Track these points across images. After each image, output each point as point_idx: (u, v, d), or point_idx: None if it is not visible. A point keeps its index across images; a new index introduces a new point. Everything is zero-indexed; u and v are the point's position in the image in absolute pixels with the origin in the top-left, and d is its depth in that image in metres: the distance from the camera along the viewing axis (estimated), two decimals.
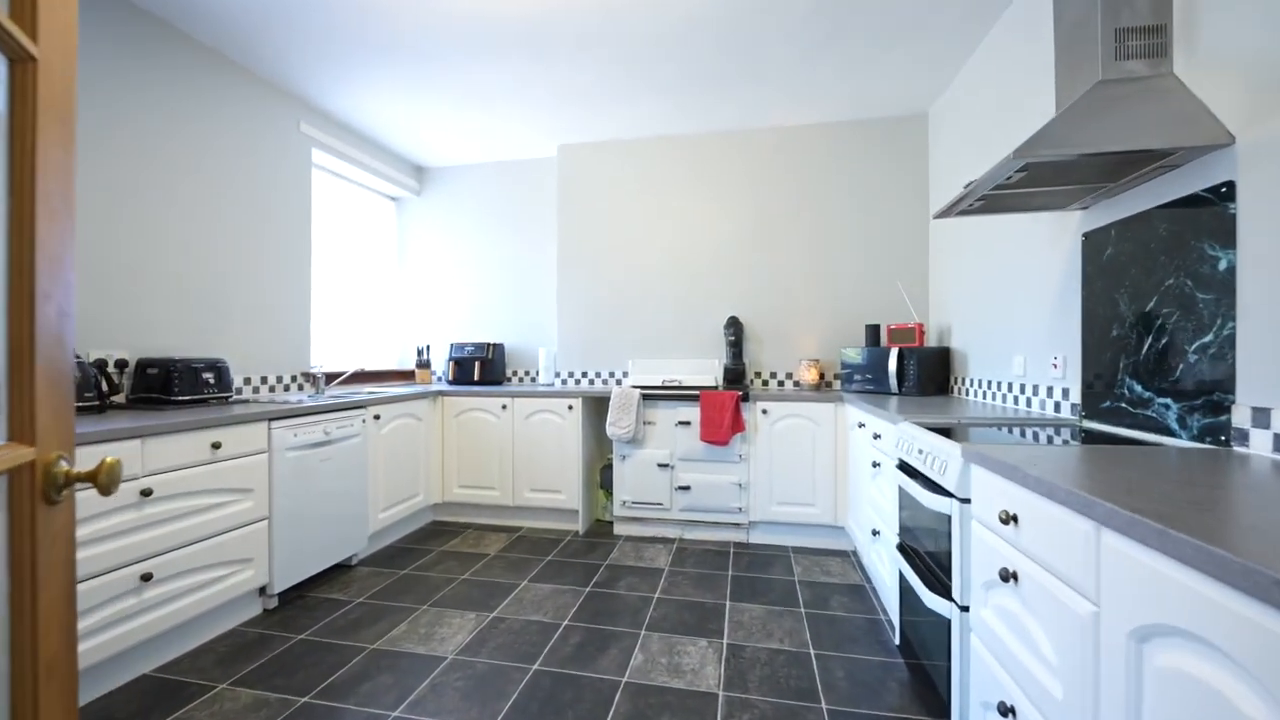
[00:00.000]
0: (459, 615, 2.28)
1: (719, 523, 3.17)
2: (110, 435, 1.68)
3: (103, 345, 2.23)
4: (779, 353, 3.56)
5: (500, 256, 4.13)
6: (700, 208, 3.66)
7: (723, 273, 3.63)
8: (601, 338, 3.78)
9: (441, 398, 3.49)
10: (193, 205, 2.58)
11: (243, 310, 2.82)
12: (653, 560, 2.89)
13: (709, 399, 3.09)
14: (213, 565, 2.02)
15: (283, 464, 2.32)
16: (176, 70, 2.50)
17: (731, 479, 3.13)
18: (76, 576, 1.56)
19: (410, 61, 2.78)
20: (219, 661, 1.94)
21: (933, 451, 1.56)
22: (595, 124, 3.53)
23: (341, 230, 3.77)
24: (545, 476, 3.35)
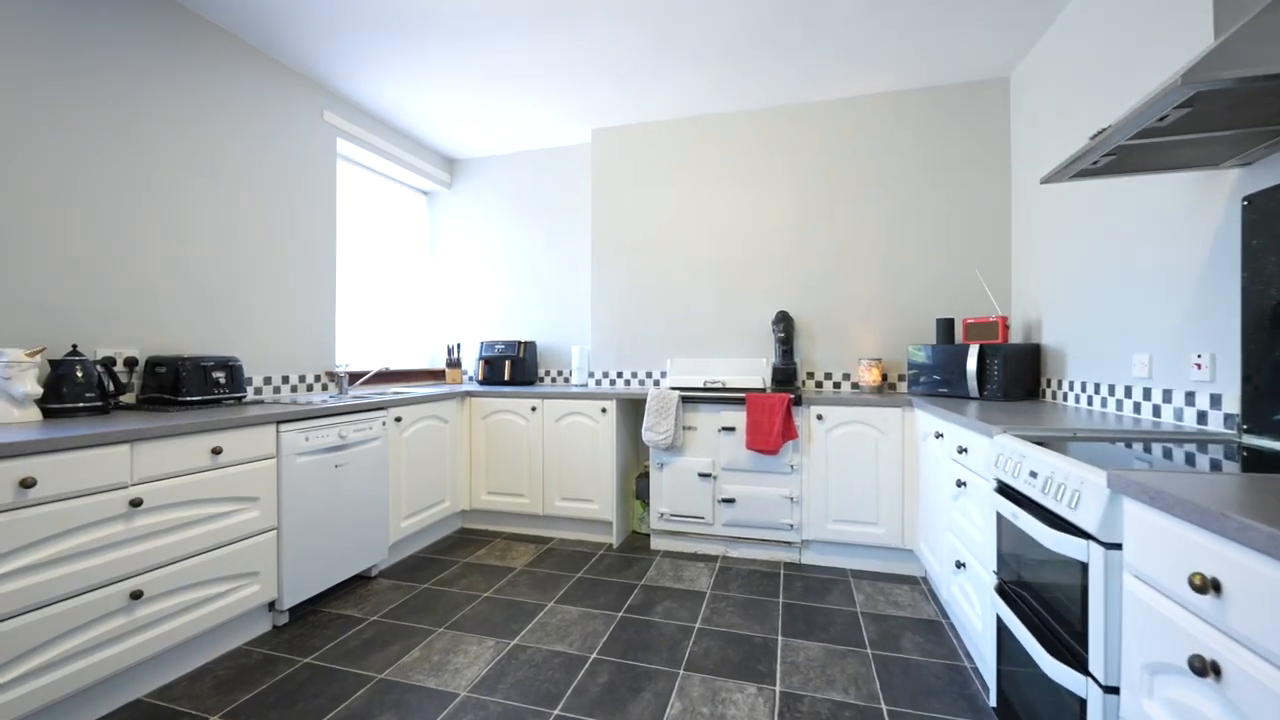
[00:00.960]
0: (477, 641, 2.06)
1: (768, 540, 2.85)
2: (93, 440, 1.53)
3: (113, 343, 2.12)
4: (835, 351, 3.21)
5: (533, 250, 3.92)
6: (745, 193, 3.34)
7: (771, 263, 3.30)
8: (638, 335, 3.51)
9: (469, 398, 3.30)
10: (210, 197, 2.46)
11: (263, 307, 2.70)
12: (693, 581, 2.60)
13: (756, 402, 2.78)
14: (213, 580, 1.86)
15: (293, 470, 2.16)
16: (191, 55, 2.38)
17: (782, 492, 2.81)
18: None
19: (436, 40, 2.59)
20: (217, 687, 1.77)
21: (1056, 475, 1.21)
22: (629, 105, 3.26)
23: (371, 225, 3.64)
24: (577, 484, 3.11)
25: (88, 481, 1.53)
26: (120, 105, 2.14)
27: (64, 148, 1.97)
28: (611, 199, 3.56)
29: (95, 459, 1.54)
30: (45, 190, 1.93)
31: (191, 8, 2.36)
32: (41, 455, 1.43)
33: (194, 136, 2.40)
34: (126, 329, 2.16)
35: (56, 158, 1.96)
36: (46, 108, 1.93)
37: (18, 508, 1.39)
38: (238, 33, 2.54)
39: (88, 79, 2.04)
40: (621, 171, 3.54)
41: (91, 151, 2.05)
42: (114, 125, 2.12)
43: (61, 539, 1.47)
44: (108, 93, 2.11)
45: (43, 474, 1.43)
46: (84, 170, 2.03)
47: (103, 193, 2.09)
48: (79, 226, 2.01)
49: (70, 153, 1.99)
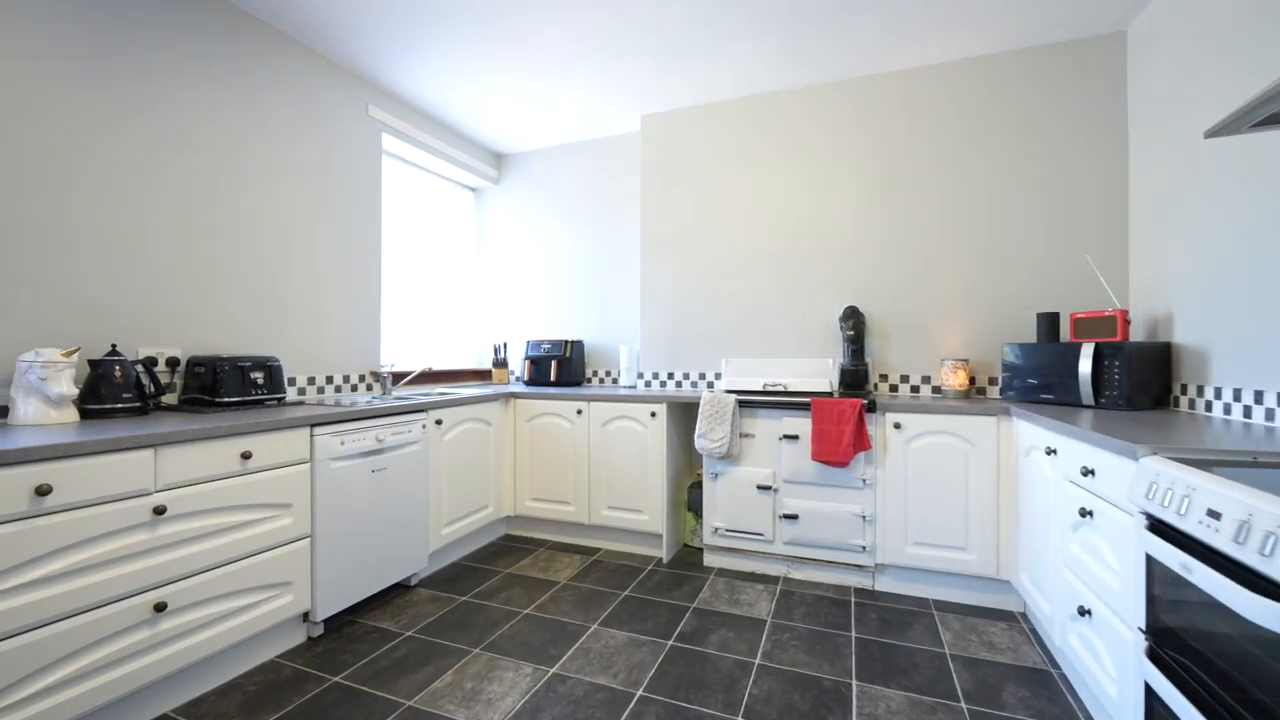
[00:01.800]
0: (514, 667, 1.89)
1: (836, 563, 2.55)
2: (113, 445, 1.45)
3: (156, 343, 2.09)
4: (913, 351, 2.85)
5: (580, 246, 3.76)
6: (809, 177, 3.04)
7: (838, 254, 2.98)
8: (690, 334, 3.27)
9: (513, 400, 3.16)
10: (254, 193, 2.42)
11: (307, 306, 2.65)
12: (751, 606, 2.35)
13: (823, 408, 2.49)
14: (242, 591, 1.78)
15: (327, 475, 2.06)
16: (235, 51, 2.34)
17: (852, 509, 2.50)
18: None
19: (477, 23, 2.45)
20: (243, 705, 1.68)
21: (1258, 519, 0.89)
22: (681, 87, 3.03)
23: (418, 222, 3.58)
24: (625, 493, 2.91)
25: (108, 488, 1.45)
26: (164, 102, 2.11)
27: (108, 146, 1.95)
28: (662, 189, 3.34)
29: (116, 465, 1.47)
30: (91, 189, 1.90)
31: (238, 4, 2.32)
32: (58, 461, 1.36)
33: (239, 134, 2.36)
34: (170, 328, 2.13)
35: (99, 156, 1.93)
36: (90, 108, 1.90)
37: (33, 516, 1.32)
38: (282, 27, 2.50)
39: (133, 78, 2.01)
40: (672, 159, 3.31)
41: (135, 149, 2.02)
42: (158, 123, 2.09)
43: (80, 549, 1.40)
44: (153, 91, 2.08)
45: (60, 481, 1.36)
46: (127, 167, 2.00)
47: (146, 190, 2.06)
48: (124, 225, 1.99)
49: (113, 150, 1.97)
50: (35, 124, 1.78)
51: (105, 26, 1.94)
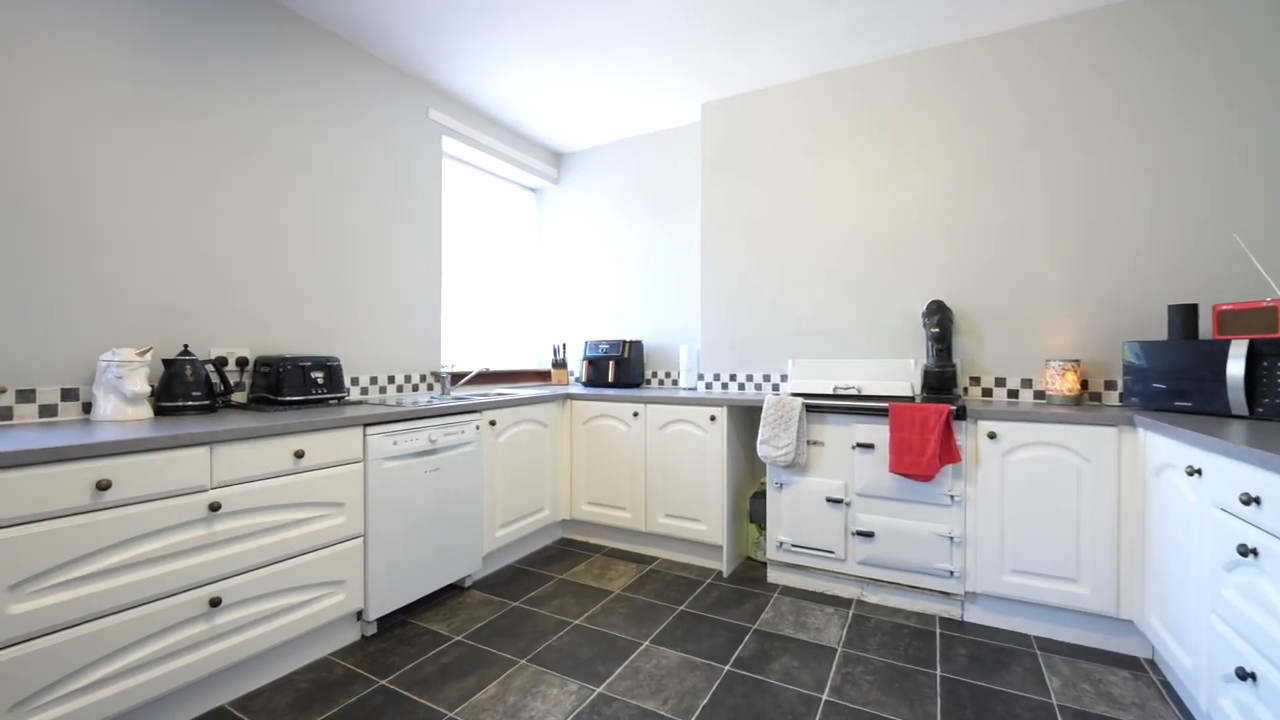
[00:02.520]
0: (559, 683, 1.79)
1: (918, 588, 2.27)
2: (169, 442, 1.49)
3: (227, 342, 2.18)
4: (1011, 350, 2.51)
5: (640, 244, 3.65)
6: (887, 160, 2.76)
7: (921, 243, 2.69)
8: (754, 333, 3.07)
9: (570, 401, 3.10)
10: (319, 197, 2.49)
11: (370, 307, 2.70)
12: (819, 631, 2.13)
13: (903, 414, 2.22)
14: (295, 589, 1.79)
15: (380, 475, 2.06)
16: (300, 59, 2.41)
17: (937, 528, 2.22)
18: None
19: (535, 20, 2.40)
20: (293, 703, 1.69)
21: None
22: (743, 70, 2.84)
23: (479, 224, 3.60)
24: (682, 501, 2.76)
25: (165, 484, 1.49)
26: (231, 113, 2.19)
27: (181, 152, 2.04)
28: (724, 181, 3.16)
29: (172, 461, 1.50)
30: (164, 197, 2.00)
31: (299, 11, 2.39)
32: (118, 457, 1.40)
33: (304, 139, 2.43)
34: (241, 329, 2.22)
35: (174, 161, 2.03)
36: (166, 116, 2.00)
37: (94, 510, 1.37)
38: (346, 34, 2.55)
39: (204, 87, 2.10)
40: (735, 148, 3.13)
41: (205, 159, 2.11)
42: (226, 134, 2.18)
43: (138, 543, 1.44)
44: (223, 100, 2.17)
45: (119, 476, 1.40)
46: (198, 176, 2.09)
47: (216, 197, 2.15)
48: (195, 231, 2.08)
49: (185, 161, 2.06)
50: (116, 140, 1.88)
51: (179, 50, 2.03)
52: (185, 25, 2.04)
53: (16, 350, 1.67)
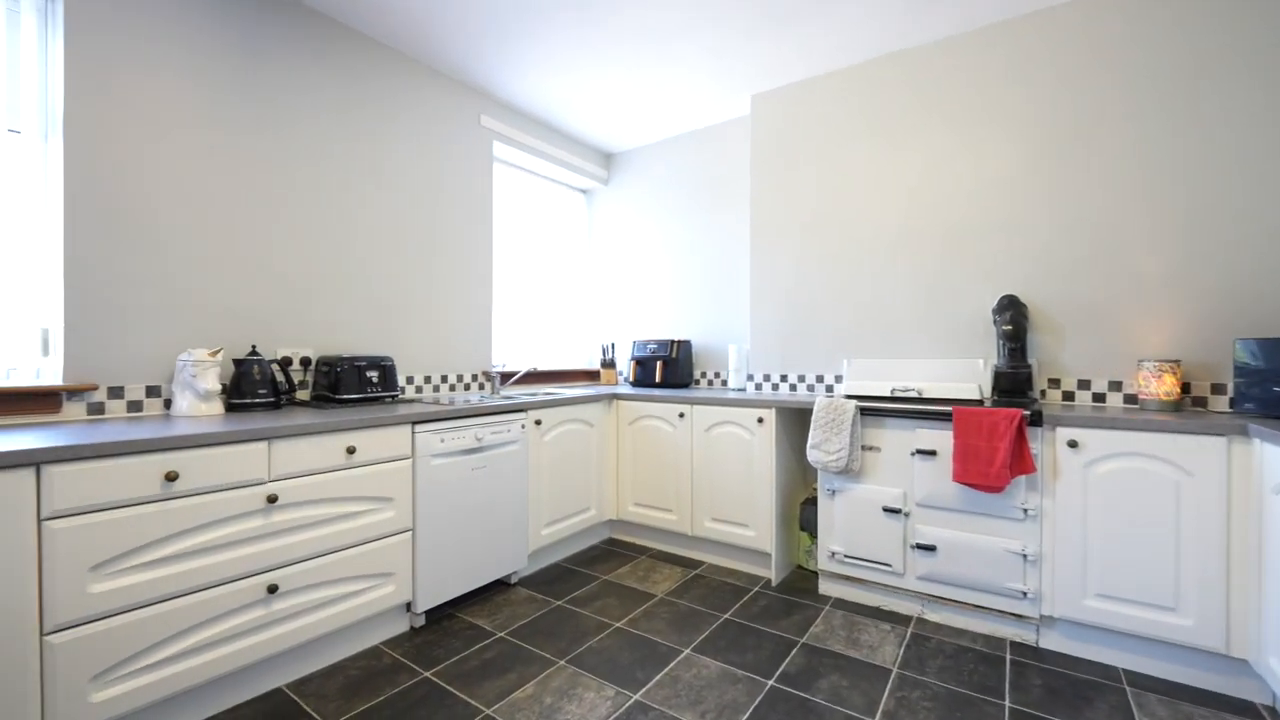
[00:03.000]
0: (596, 687, 1.77)
1: (987, 608, 2.09)
2: (230, 437, 1.58)
3: (292, 344, 2.31)
4: (1096, 349, 2.27)
5: (689, 242, 3.58)
6: (951, 143, 2.56)
7: (991, 232, 2.48)
8: (806, 332, 2.94)
9: (616, 401, 3.08)
10: (377, 204, 2.60)
11: (424, 308, 2.80)
12: (873, 649, 2.00)
13: (968, 419, 2.05)
14: (347, 579, 1.87)
15: (428, 471, 2.12)
16: (359, 73, 2.53)
17: (1008, 545, 2.03)
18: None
19: (579, 18, 2.40)
20: (343, 689, 1.76)
21: None
22: (793, 58, 2.72)
23: (530, 225, 3.66)
24: (729, 505, 2.68)
25: (227, 477, 1.58)
26: (298, 125, 2.32)
27: (252, 166, 2.18)
28: (774, 174, 3.04)
29: (233, 455, 1.60)
30: (237, 204, 2.14)
31: (357, 27, 2.50)
32: (184, 450, 1.50)
33: (364, 151, 2.54)
34: (305, 330, 2.34)
35: (245, 175, 2.17)
36: (237, 135, 2.15)
37: (164, 499, 1.47)
38: (399, 47, 2.65)
39: (271, 106, 2.24)
40: (786, 140, 3.01)
41: (274, 167, 2.25)
42: (293, 143, 2.31)
43: (203, 531, 1.54)
44: (288, 116, 2.30)
45: (186, 468, 1.51)
46: (269, 185, 2.23)
47: (282, 206, 2.28)
48: (263, 237, 2.22)
49: (256, 169, 2.20)
50: (194, 158, 2.03)
51: (250, 73, 2.17)
52: (257, 49, 2.18)
53: (107, 350, 1.83)
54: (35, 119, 1.79)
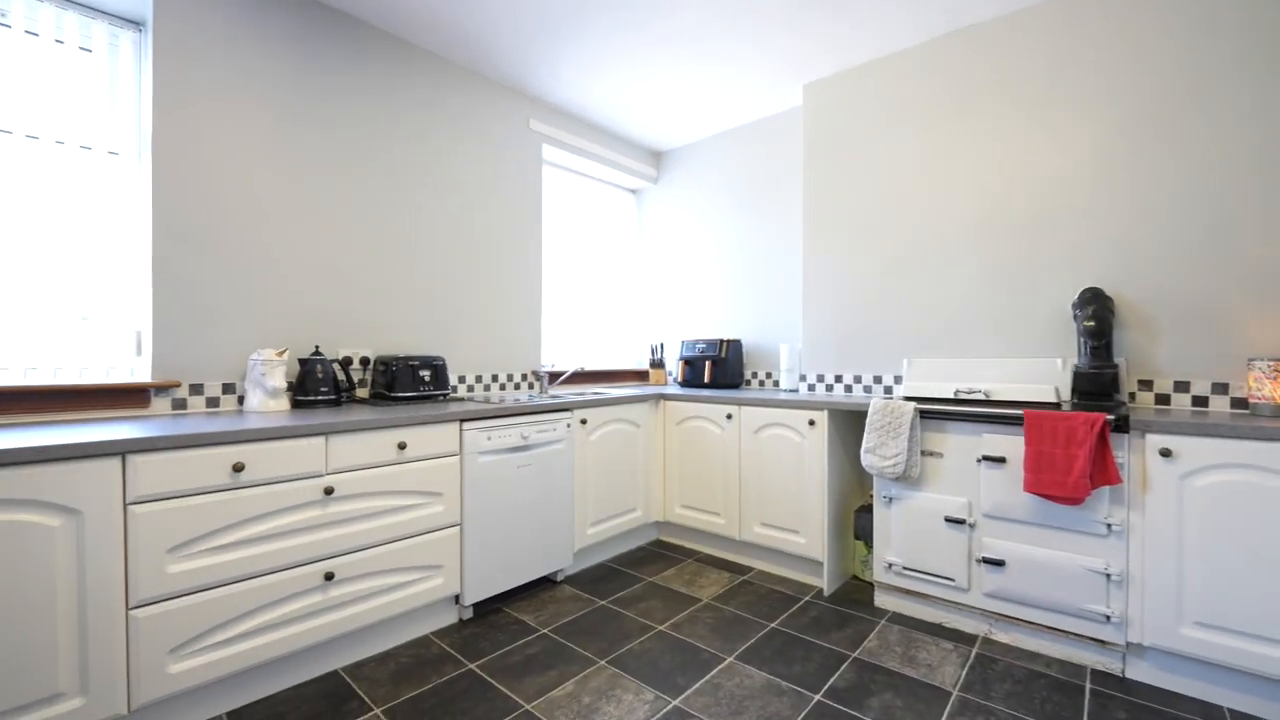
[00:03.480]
0: (635, 690, 1.75)
1: (1063, 630, 1.91)
2: (290, 432, 1.68)
3: (352, 345, 2.43)
4: (1197, 346, 2.02)
5: (739, 240, 3.50)
6: (1022, 127, 2.36)
7: (1071, 220, 2.27)
8: (862, 330, 2.80)
9: (663, 401, 3.05)
10: (430, 210, 2.70)
11: (476, 309, 2.88)
12: (932, 669, 1.87)
13: (1042, 424, 1.88)
14: (399, 570, 1.94)
15: (475, 468, 2.17)
16: (411, 83, 2.63)
17: (1089, 562, 1.84)
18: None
19: (624, 17, 2.40)
20: (393, 675, 1.83)
21: None
22: (848, 42, 2.60)
23: (580, 226, 3.70)
24: (779, 510, 2.59)
25: (288, 469, 1.68)
26: (358, 136, 2.44)
27: (314, 175, 2.32)
28: (828, 166, 2.92)
29: (294, 449, 1.69)
30: (302, 212, 2.28)
31: (415, 41, 2.61)
32: (249, 444, 1.61)
33: (420, 158, 2.65)
34: (365, 332, 2.47)
35: (308, 184, 2.31)
36: (301, 146, 2.28)
37: (232, 488, 1.58)
38: (453, 58, 2.75)
39: (333, 118, 2.37)
40: (840, 130, 2.88)
41: (335, 176, 2.38)
42: (354, 153, 2.43)
43: (266, 519, 1.64)
44: (349, 127, 2.43)
45: (251, 460, 1.61)
46: (330, 192, 2.36)
47: (346, 211, 2.41)
48: (326, 244, 2.35)
49: (318, 178, 2.33)
50: (262, 169, 2.18)
51: (316, 88, 2.31)
52: (323, 68, 2.32)
53: (189, 350, 1.99)
54: (130, 141, 1.98)
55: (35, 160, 1.81)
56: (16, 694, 1.28)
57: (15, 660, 1.28)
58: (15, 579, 1.28)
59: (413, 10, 2.39)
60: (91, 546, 1.37)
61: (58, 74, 1.86)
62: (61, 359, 1.83)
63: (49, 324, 1.83)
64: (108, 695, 1.40)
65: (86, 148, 1.90)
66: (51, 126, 1.84)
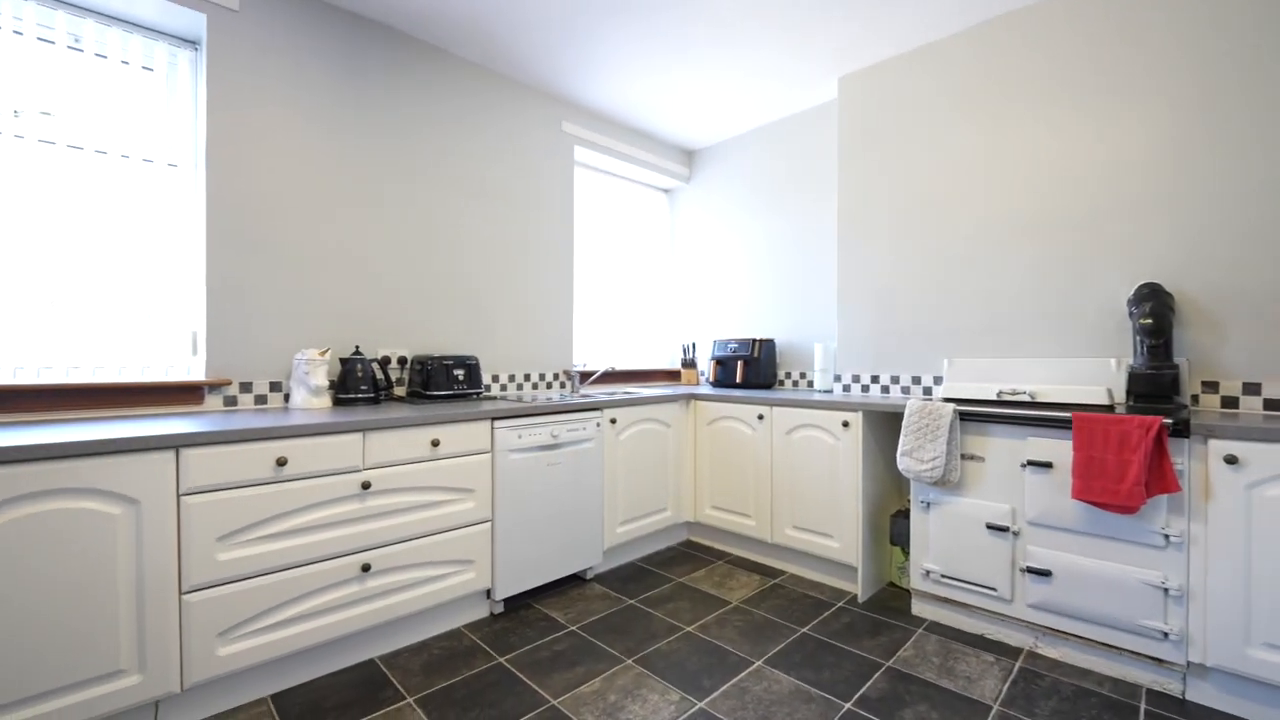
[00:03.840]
0: (661, 690, 1.75)
1: (1115, 646, 1.80)
2: (330, 428, 1.75)
3: (391, 344, 2.51)
4: (1271, 346, 1.88)
5: (773, 238, 3.45)
6: (1077, 114, 2.24)
7: (1126, 213, 2.14)
8: (899, 329, 2.71)
9: (694, 401, 3.04)
10: (465, 212, 2.76)
11: (509, 310, 2.94)
12: (971, 681, 1.79)
13: (1092, 427, 1.78)
14: (432, 563, 2.00)
15: (506, 466, 2.21)
16: (447, 90, 2.70)
17: (1145, 575, 1.73)
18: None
19: (665, 15, 2.40)
20: (426, 665, 1.88)
21: None
22: (884, 31, 2.52)
23: (612, 227, 3.72)
24: (812, 513, 2.54)
25: (328, 464, 1.75)
26: (397, 143, 2.53)
27: (357, 182, 2.41)
28: (865, 160, 2.84)
29: (333, 445, 1.77)
30: (344, 217, 2.37)
31: (452, 50, 2.68)
32: (292, 439, 1.69)
33: (456, 163, 2.72)
34: (402, 332, 2.55)
35: (351, 190, 2.40)
36: (343, 152, 2.38)
37: (275, 481, 1.66)
38: (487, 64, 2.80)
39: (375, 127, 2.45)
40: (878, 123, 2.80)
41: (376, 181, 2.47)
42: (393, 159, 2.51)
43: (306, 511, 1.72)
44: (389, 135, 2.51)
45: (293, 455, 1.69)
46: (371, 198, 2.45)
47: (385, 215, 2.49)
48: (369, 245, 2.44)
49: (360, 184, 2.42)
50: (308, 175, 2.28)
51: (358, 99, 2.40)
52: (364, 82, 2.41)
53: (239, 350, 2.10)
54: (188, 153, 2.10)
55: (102, 174, 1.95)
56: (84, 669, 1.38)
57: (83, 638, 1.38)
58: (83, 563, 1.38)
59: (454, 22, 2.45)
60: (149, 534, 1.47)
61: (123, 93, 1.99)
62: (126, 358, 1.96)
63: (115, 325, 1.96)
64: (163, 674, 1.49)
65: (149, 161, 2.03)
66: (117, 142, 1.97)
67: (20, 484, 1.31)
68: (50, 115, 1.86)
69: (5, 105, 1.79)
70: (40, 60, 1.85)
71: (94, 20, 1.94)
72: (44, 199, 1.85)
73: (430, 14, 2.41)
